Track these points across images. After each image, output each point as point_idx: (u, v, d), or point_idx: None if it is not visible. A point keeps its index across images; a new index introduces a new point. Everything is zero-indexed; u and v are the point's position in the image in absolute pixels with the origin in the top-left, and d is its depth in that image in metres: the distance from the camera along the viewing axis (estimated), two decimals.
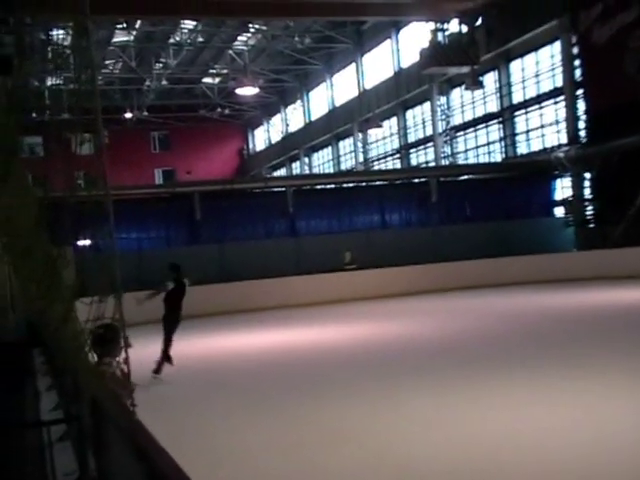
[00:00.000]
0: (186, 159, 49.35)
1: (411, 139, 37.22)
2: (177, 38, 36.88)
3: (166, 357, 10.52)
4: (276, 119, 51.61)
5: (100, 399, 3.66)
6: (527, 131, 29.92)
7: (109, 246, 2.92)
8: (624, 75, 22.65)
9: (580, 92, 26.04)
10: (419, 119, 36.44)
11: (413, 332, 13.73)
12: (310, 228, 26.63)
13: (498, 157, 31.07)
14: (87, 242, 3.63)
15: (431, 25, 29.23)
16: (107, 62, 39.05)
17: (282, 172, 50.57)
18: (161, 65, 40.00)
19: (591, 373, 8.16)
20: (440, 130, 33.80)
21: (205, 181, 31.91)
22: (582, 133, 26.38)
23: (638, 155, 22.97)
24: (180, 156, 49.94)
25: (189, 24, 35.13)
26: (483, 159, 32.13)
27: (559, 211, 28.33)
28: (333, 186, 30.30)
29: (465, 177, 30.13)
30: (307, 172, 46.03)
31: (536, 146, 29.31)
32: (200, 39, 37.28)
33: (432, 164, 34.05)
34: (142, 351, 11.69)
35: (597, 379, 7.78)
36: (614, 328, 12.15)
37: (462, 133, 33.68)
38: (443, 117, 33.69)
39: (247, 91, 34.36)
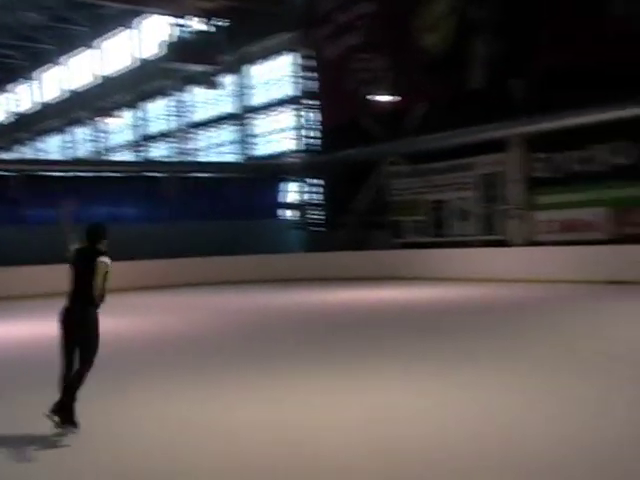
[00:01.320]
0: None
1: (150, 132, 36.74)
2: None
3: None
4: (2, 98, 47.83)
5: None
6: (263, 134, 31.09)
7: None
8: (351, 93, 24.55)
9: (313, 102, 27.68)
10: (159, 113, 36.09)
11: (142, 327, 13.67)
12: (38, 216, 25.12)
13: (235, 158, 31.87)
14: None
15: (173, 19, 29.14)
16: None
17: (8, 156, 46.97)
18: None
19: (319, 365, 8.71)
20: (179, 126, 33.81)
21: None
22: (314, 141, 28.05)
23: (360, 167, 25.06)
24: None
25: None
26: (220, 158, 32.74)
27: (290, 214, 29.81)
28: (65, 174, 28.89)
29: (202, 175, 30.47)
30: (37, 157, 43.26)
31: (271, 149, 30.58)
32: None
33: (170, 159, 33.93)
34: None
35: (326, 370, 8.34)
36: (336, 324, 13.13)
37: (201, 131, 34.01)
38: (182, 113, 33.75)
39: None
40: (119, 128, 38.27)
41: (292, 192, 29.54)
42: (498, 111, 20.19)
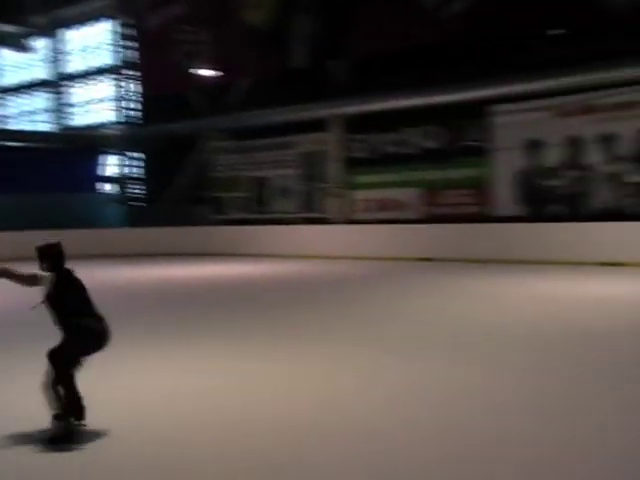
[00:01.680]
0: None
1: None
2: None
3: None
4: None
5: None
6: (80, 104, 29.61)
7: None
8: (173, 65, 23.92)
9: (134, 73, 26.71)
10: None
11: None
12: None
13: (49, 127, 30.13)
14: None
15: None
16: None
17: None
18: None
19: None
20: None
21: None
22: (135, 113, 27.14)
23: (183, 141, 24.63)
24: None
25: None
26: (33, 127, 30.81)
27: (109, 187, 28.73)
28: None
29: (12, 144, 28.53)
30: None
31: (89, 120, 29.22)
32: None
33: None
34: None
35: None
36: (157, 300, 12.85)
37: (11, 97, 31.79)
38: None
39: None
40: None
41: (111, 165, 28.47)
42: (319, 91, 20.60)
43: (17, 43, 28.43)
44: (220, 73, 22.51)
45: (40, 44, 29.28)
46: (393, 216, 20.11)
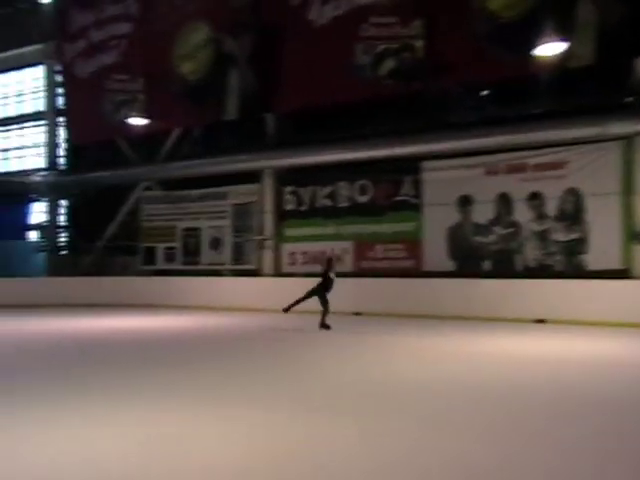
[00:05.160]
0: None
1: None
2: None
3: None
4: None
5: None
6: (6, 150, 28.79)
7: None
8: (103, 113, 23.43)
9: (62, 120, 26.08)
10: None
11: None
12: None
13: None
14: None
15: None
16: None
17: None
18: None
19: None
20: None
21: None
22: (62, 160, 26.45)
23: (111, 190, 24.05)
24: None
25: None
26: None
27: (33, 235, 27.79)
28: None
29: None
30: None
31: (15, 166, 28.38)
32: None
33: None
34: None
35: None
36: (78, 353, 12.16)
37: None
38: None
39: None
40: None
41: (38, 213, 27.60)
42: (252, 143, 20.52)
43: None
44: (151, 122, 22.16)
45: None
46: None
